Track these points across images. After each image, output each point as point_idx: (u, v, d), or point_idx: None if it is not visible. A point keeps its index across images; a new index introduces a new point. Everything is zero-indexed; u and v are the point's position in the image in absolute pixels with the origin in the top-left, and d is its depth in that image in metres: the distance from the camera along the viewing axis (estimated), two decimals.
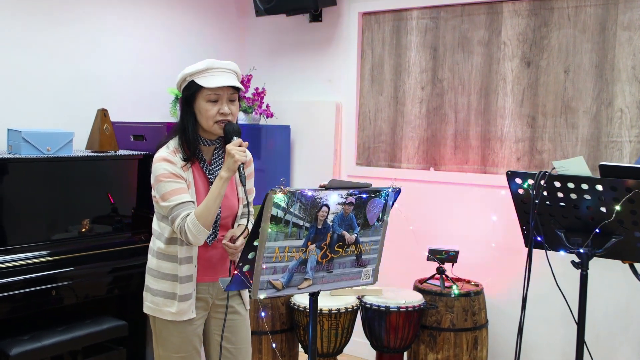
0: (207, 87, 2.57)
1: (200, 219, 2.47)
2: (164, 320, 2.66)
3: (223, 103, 2.60)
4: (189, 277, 2.63)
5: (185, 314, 2.64)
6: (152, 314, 2.70)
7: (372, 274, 2.48)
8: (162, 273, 2.66)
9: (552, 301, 4.04)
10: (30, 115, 4.06)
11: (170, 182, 2.55)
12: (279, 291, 2.22)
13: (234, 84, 2.61)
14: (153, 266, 2.70)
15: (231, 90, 2.62)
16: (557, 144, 4.16)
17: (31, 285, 3.33)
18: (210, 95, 2.59)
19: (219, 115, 2.59)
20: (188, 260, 2.63)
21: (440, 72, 4.59)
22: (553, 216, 2.87)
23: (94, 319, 3.68)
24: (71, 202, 3.75)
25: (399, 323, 3.93)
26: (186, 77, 2.63)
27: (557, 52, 4.13)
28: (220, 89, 2.59)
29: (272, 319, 4.07)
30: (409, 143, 4.74)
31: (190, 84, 2.62)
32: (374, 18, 4.89)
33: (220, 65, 2.63)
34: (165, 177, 2.55)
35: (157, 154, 2.62)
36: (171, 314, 2.64)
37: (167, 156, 2.59)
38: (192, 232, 2.48)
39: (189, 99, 2.63)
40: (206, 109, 2.59)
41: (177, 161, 2.60)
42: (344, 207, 2.28)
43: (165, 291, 2.65)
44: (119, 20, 4.57)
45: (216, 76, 2.60)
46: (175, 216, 2.52)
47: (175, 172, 2.57)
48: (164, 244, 2.64)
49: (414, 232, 4.41)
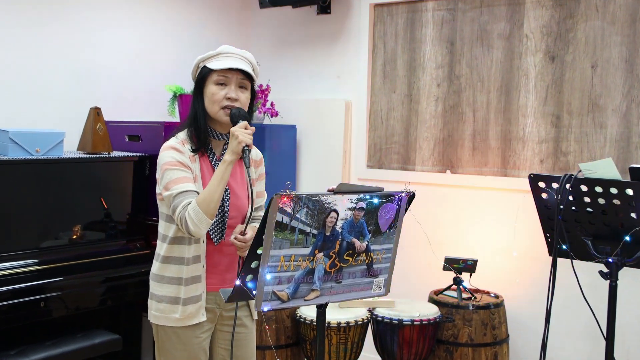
0: (216, 69, 2.62)
1: (202, 206, 2.47)
2: (168, 330, 2.66)
3: (231, 87, 2.63)
4: (196, 277, 2.64)
5: (194, 317, 2.64)
6: (157, 322, 2.69)
7: (384, 284, 2.48)
8: (166, 277, 2.66)
9: (578, 314, 4.02)
10: (18, 114, 4.08)
11: (175, 170, 2.57)
12: (284, 303, 2.21)
13: (244, 68, 2.64)
14: (156, 271, 2.71)
15: (241, 76, 2.65)
16: (583, 144, 4.15)
17: (18, 296, 3.34)
18: (219, 78, 2.63)
19: (226, 100, 2.62)
20: (196, 260, 2.64)
21: (457, 68, 4.58)
22: (579, 223, 2.86)
23: (86, 332, 3.69)
24: (62, 207, 3.76)
25: (413, 337, 3.93)
26: (199, 63, 2.69)
27: (584, 46, 4.12)
28: (228, 71, 2.62)
29: (277, 333, 4.07)
30: (424, 144, 4.74)
31: (202, 69, 2.68)
32: (387, 10, 4.89)
33: (234, 51, 2.69)
34: (171, 164, 2.58)
35: (165, 143, 2.66)
36: (176, 320, 2.63)
37: (175, 145, 2.63)
38: (192, 221, 2.48)
39: (200, 84, 2.68)
40: (213, 92, 2.62)
41: (185, 151, 2.63)
42: (354, 213, 2.27)
43: (169, 296, 2.65)
44: (113, 13, 4.58)
45: (227, 59, 2.64)
46: (176, 204, 2.53)
47: (181, 161, 2.60)
48: (169, 244, 2.65)
49: (429, 239, 4.40)
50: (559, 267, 2.91)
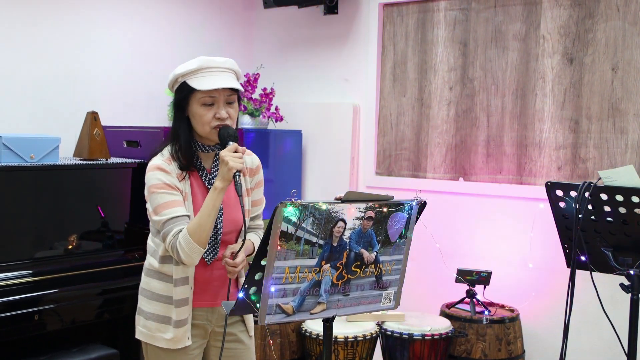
0: (201, 89, 2.56)
1: (194, 236, 2.46)
2: (156, 348, 2.65)
3: (220, 106, 2.58)
4: (184, 300, 2.62)
5: (180, 341, 2.62)
6: (145, 340, 2.69)
7: (393, 297, 2.47)
8: (155, 294, 2.65)
9: (598, 329, 4.01)
10: (12, 119, 4.09)
11: (163, 194, 2.54)
12: (289, 316, 2.21)
13: (232, 85, 2.58)
14: (145, 285, 2.70)
15: (228, 92, 2.60)
16: (603, 151, 4.14)
17: (11, 308, 3.34)
18: (205, 99, 2.57)
19: (215, 120, 2.58)
20: (184, 282, 2.62)
21: (470, 71, 4.58)
22: (599, 233, 2.85)
23: (82, 346, 3.69)
24: (57, 216, 3.77)
25: (424, 353, 3.92)
26: (177, 78, 2.62)
27: (604, 47, 4.12)
28: (215, 91, 2.57)
29: (282, 348, 4.07)
30: (435, 150, 4.74)
31: (182, 86, 2.61)
32: (397, 10, 4.90)
33: (216, 64, 2.61)
34: (158, 187, 2.55)
35: (151, 162, 2.62)
36: (165, 341, 2.62)
37: (161, 164, 2.59)
38: (184, 251, 2.47)
39: (182, 102, 2.62)
40: (200, 114, 2.58)
41: (172, 170, 2.59)
42: (363, 222, 2.27)
43: (158, 314, 2.64)
44: (111, 13, 4.60)
45: (211, 77, 2.58)
46: (166, 232, 2.51)
47: (169, 183, 2.56)
48: (158, 263, 2.64)
49: (441, 250, 4.40)
50: (578, 279, 2.90)
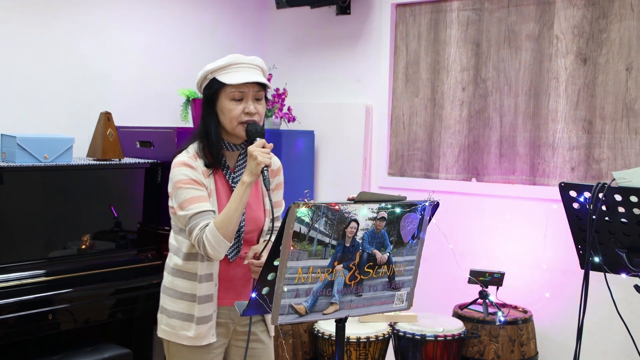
0: (230, 83, 2.60)
1: (221, 229, 2.48)
2: (180, 345, 2.68)
3: (248, 101, 2.63)
4: (208, 296, 2.65)
5: (204, 338, 2.65)
6: (168, 338, 2.71)
7: (406, 298, 2.47)
8: (178, 292, 2.68)
9: (612, 331, 3.99)
10: (26, 119, 4.12)
11: (189, 189, 2.58)
12: (301, 317, 2.21)
13: (260, 80, 2.64)
14: (168, 284, 2.72)
15: (257, 88, 2.65)
16: (617, 151, 4.12)
17: (25, 308, 3.37)
18: (234, 93, 2.62)
19: (244, 115, 2.62)
20: (208, 278, 2.65)
21: (483, 71, 4.57)
22: (613, 234, 2.84)
23: (95, 346, 3.71)
24: (70, 216, 3.79)
25: (436, 354, 3.91)
26: (207, 75, 2.67)
27: (618, 47, 4.10)
28: (244, 85, 2.61)
29: (294, 348, 4.07)
30: (448, 150, 4.73)
31: (212, 82, 2.65)
32: (409, 10, 4.89)
33: (245, 61, 2.66)
34: (185, 183, 2.58)
35: (176, 158, 2.66)
36: (188, 339, 2.65)
37: (187, 161, 2.62)
38: (211, 244, 2.49)
39: (211, 98, 2.66)
40: (229, 108, 2.62)
41: (198, 166, 2.63)
42: (375, 223, 2.27)
43: (182, 312, 2.66)
44: (124, 14, 4.62)
45: (240, 72, 2.63)
46: (193, 226, 2.54)
47: (195, 178, 2.60)
48: (182, 260, 2.66)
49: (454, 251, 4.39)
50: (592, 280, 2.89)
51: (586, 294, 2.86)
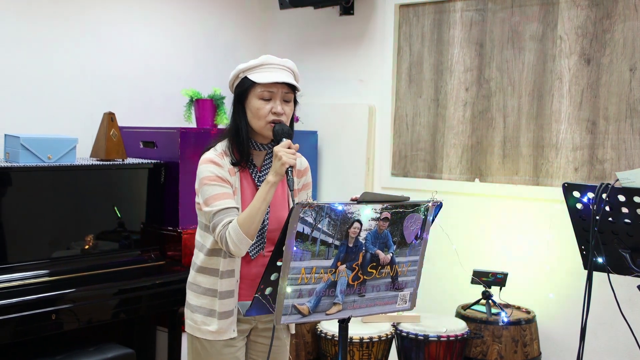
0: (260, 82, 2.64)
1: (243, 226, 2.51)
2: (202, 340, 2.71)
3: (276, 101, 2.66)
4: (230, 292, 2.68)
5: (225, 332, 2.68)
6: (192, 332, 2.76)
7: (409, 298, 2.47)
8: (202, 288, 2.72)
9: (615, 331, 3.98)
10: (30, 120, 4.12)
11: (215, 186, 2.61)
12: (304, 317, 2.22)
13: (289, 81, 2.67)
14: (193, 280, 2.77)
15: (286, 89, 2.68)
16: (621, 152, 4.12)
17: (28, 308, 3.37)
18: (263, 93, 2.65)
19: (271, 114, 2.65)
20: (230, 274, 2.68)
21: (487, 71, 4.57)
22: (616, 234, 2.84)
23: (98, 346, 3.71)
24: (74, 216, 3.80)
25: (439, 354, 3.91)
26: (239, 73, 2.71)
27: (622, 48, 4.09)
28: (274, 85, 2.65)
29: (297, 348, 4.07)
30: (451, 151, 4.73)
31: (243, 81, 2.70)
32: (413, 10, 4.89)
33: (277, 62, 2.70)
34: (211, 180, 2.62)
35: (204, 156, 2.70)
36: (211, 333, 2.68)
37: (214, 158, 2.66)
38: (232, 240, 2.51)
39: (241, 96, 2.70)
40: (257, 107, 2.65)
41: (224, 164, 2.66)
42: (379, 223, 2.27)
43: (204, 307, 2.71)
44: (127, 14, 4.63)
45: (271, 72, 2.67)
46: (216, 223, 2.57)
47: (221, 176, 2.63)
48: (206, 256, 2.70)
49: (457, 251, 4.38)
50: (595, 281, 2.89)
51: (589, 295, 2.86)
